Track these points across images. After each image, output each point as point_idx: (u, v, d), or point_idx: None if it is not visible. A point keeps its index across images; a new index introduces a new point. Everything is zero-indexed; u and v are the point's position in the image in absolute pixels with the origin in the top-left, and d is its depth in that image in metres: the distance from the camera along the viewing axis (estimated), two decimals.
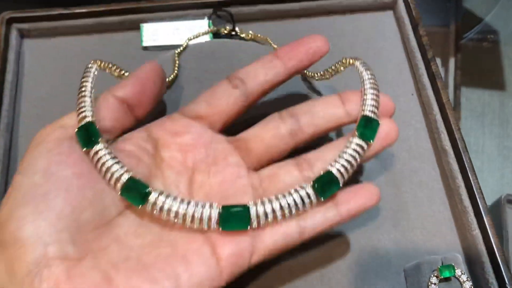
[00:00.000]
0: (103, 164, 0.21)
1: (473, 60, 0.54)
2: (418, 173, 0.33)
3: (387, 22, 0.40)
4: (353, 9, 0.40)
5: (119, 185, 0.21)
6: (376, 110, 0.25)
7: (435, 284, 0.26)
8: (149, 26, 0.38)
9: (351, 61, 0.27)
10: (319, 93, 0.34)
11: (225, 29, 0.38)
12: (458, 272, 0.26)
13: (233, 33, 0.37)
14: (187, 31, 0.38)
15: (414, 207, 0.31)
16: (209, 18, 0.38)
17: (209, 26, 0.38)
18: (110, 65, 0.26)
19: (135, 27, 0.39)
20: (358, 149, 0.24)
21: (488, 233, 0.28)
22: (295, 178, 0.24)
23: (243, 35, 0.37)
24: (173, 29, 0.38)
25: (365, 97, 0.25)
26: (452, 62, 0.53)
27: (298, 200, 0.22)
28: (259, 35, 0.38)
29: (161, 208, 0.21)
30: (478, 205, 0.29)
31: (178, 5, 0.38)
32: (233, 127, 0.27)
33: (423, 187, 0.32)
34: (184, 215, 0.21)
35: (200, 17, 0.38)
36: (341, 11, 0.40)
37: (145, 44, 0.38)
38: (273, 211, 0.21)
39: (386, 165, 0.33)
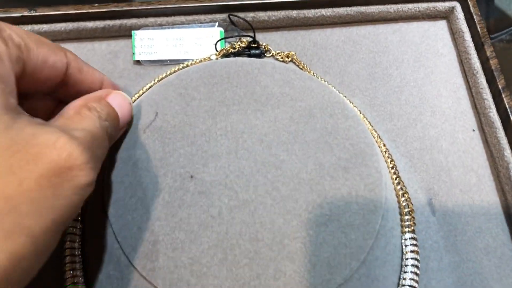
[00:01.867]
0: None
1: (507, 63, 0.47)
2: (483, 235, 0.27)
3: (439, 35, 0.33)
4: (401, 17, 0.32)
5: None
6: None
7: None
8: (143, 33, 0.29)
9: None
10: None
11: (241, 42, 0.29)
12: None
13: (254, 45, 0.29)
14: (193, 40, 0.29)
15: (481, 281, 0.26)
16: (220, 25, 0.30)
17: (221, 36, 0.29)
18: None
19: (125, 34, 0.30)
20: None
21: None
22: None
23: (267, 50, 0.29)
24: (174, 38, 0.29)
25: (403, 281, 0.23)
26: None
27: None
28: (280, 51, 0.30)
29: None
30: None
31: (181, 8, 0.29)
32: None
33: (491, 254, 0.26)
34: None
35: (209, 24, 0.30)
36: (384, 19, 0.32)
37: (137, 57, 0.29)
38: None
39: (445, 223, 0.27)
